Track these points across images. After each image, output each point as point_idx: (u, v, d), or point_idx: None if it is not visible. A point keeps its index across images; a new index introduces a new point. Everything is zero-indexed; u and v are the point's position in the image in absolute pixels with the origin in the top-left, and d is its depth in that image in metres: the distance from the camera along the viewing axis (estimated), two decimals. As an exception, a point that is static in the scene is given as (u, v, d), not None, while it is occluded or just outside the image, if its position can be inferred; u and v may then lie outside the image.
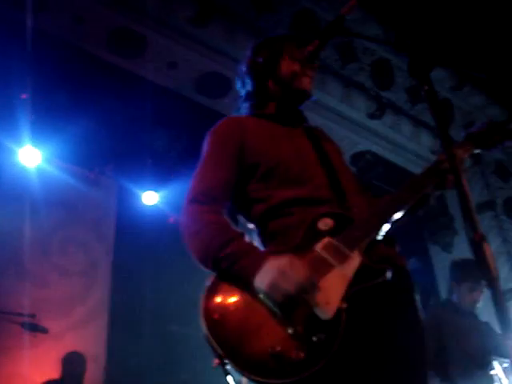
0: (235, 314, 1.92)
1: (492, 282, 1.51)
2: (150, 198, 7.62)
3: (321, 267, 1.99)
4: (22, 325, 5.26)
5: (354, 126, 7.32)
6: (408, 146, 7.67)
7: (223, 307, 1.94)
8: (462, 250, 7.59)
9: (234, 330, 1.88)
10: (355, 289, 1.96)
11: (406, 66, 1.86)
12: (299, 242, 2.06)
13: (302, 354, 1.81)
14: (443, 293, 7.05)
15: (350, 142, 7.47)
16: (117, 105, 6.38)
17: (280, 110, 2.52)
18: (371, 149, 7.63)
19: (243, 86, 2.61)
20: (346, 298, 1.94)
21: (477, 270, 1.58)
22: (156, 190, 7.61)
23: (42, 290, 6.77)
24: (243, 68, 2.61)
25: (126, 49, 6.03)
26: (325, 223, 2.10)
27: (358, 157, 7.71)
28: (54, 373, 5.85)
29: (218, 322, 1.89)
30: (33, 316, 5.36)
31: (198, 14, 5.92)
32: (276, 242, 2.18)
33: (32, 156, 6.71)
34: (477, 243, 1.55)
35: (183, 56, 6.20)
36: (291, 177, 2.25)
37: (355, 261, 2.01)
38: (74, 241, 7.38)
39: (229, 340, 1.85)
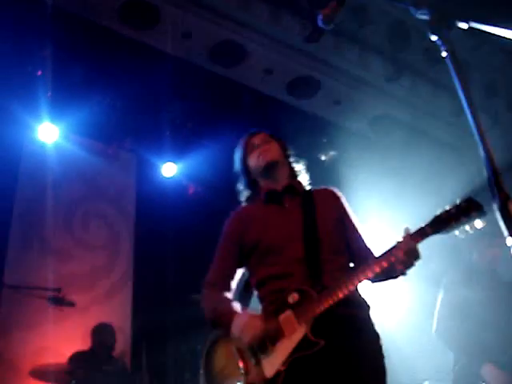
0: (218, 361, 2.80)
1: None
2: (169, 169, 7.63)
3: (276, 334, 2.59)
4: (49, 299, 5.32)
5: (371, 89, 7.23)
6: (427, 108, 7.56)
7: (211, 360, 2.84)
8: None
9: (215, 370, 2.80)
10: (297, 355, 2.51)
11: (423, 27, 1.83)
12: (272, 309, 2.69)
13: None
14: None
15: (367, 106, 7.39)
16: (133, 78, 6.36)
17: (269, 193, 3.04)
18: (390, 112, 7.55)
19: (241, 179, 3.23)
20: (288, 362, 2.50)
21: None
22: (175, 162, 7.62)
23: (66, 264, 6.85)
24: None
25: (139, 21, 5.98)
26: (292, 297, 2.63)
27: (376, 121, 7.64)
28: (82, 345, 5.94)
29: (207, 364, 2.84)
30: (58, 290, 5.41)
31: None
32: (262, 307, 2.85)
33: (51, 132, 6.74)
34: (502, 202, 1.55)
35: (197, 25, 6.14)
36: (270, 254, 2.83)
37: (300, 333, 2.54)
38: (96, 215, 7.44)
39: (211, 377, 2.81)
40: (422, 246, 2.45)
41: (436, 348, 5.08)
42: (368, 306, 2.78)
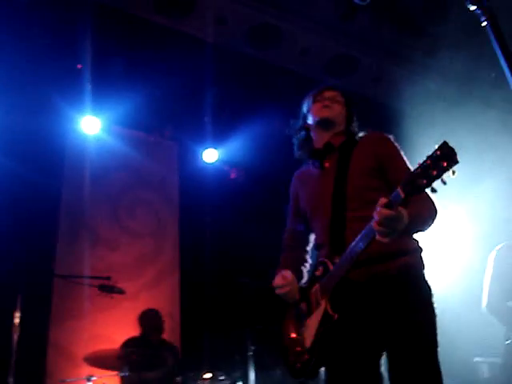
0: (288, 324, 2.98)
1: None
2: (211, 155, 7.69)
3: (309, 308, 2.78)
4: (99, 288, 5.41)
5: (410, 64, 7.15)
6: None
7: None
8: None
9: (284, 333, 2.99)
10: (322, 330, 2.62)
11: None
12: (307, 283, 2.94)
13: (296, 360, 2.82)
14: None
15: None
16: (171, 66, 6.40)
17: (313, 152, 3.13)
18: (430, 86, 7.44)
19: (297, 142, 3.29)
20: (318, 335, 2.63)
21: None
22: (215, 148, 7.67)
23: (114, 252, 6.98)
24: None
25: (174, 9, 6.00)
26: (319, 270, 2.76)
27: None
28: (134, 331, 6.05)
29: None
30: (108, 278, 5.51)
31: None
32: None
33: (92, 124, 6.85)
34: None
35: (231, 10, 6.13)
36: (311, 222, 3.03)
37: (322, 307, 2.64)
38: (141, 203, 7.54)
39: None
40: None
41: (486, 322, 5.02)
42: (404, 252, 2.65)
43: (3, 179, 5.78)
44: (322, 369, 2.76)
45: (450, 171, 1.91)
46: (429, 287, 2.66)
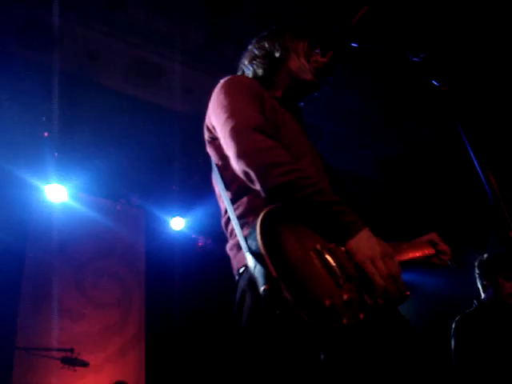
0: (296, 251, 1.80)
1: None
2: (178, 223, 7.68)
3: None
4: (62, 360, 5.28)
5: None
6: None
7: (286, 238, 1.81)
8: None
9: (292, 263, 1.75)
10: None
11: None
12: None
13: (352, 320, 1.73)
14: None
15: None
16: (138, 134, 6.45)
17: (285, 97, 2.51)
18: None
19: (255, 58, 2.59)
20: None
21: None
22: (182, 216, 7.67)
23: (78, 323, 6.82)
24: (257, 48, 2.61)
25: (142, 78, 6.10)
26: None
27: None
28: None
29: (277, 245, 1.76)
30: (71, 350, 5.39)
31: (210, 38, 5.97)
32: None
33: (58, 192, 6.83)
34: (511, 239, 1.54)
35: (197, 80, 6.24)
36: (298, 152, 2.20)
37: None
38: (106, 273, 7.43)
39: (287, 268, 1.71)
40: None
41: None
42: None
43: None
44: None
45: None
46: None
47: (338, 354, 1.84)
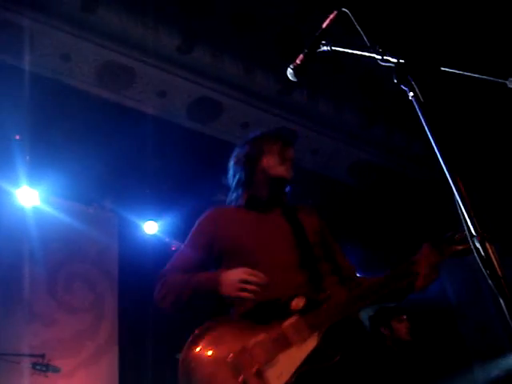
0: (206, 367, 2.39)
1: (498, 282, 1.50)
2: (151, 227, 7.62)
3: (281, 342, 2.34)
4: (33, 366, 5.21)
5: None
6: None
7: (198, 359, 2.49)
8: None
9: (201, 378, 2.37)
10: (306, 368, 2.28)
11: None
12: (264, 316, 2.46)
13: None
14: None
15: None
16: (110, 138, 6.40)
17: (253, 199, 2.86)
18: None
19: (233, 177, 3.00)
20: (297, 374, 2.26)
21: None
22: (156, 220, 7.61)
23: (50, 328, 6.73)
24: (232, 161, 3.05)
25: (114, 81, 6.06)
26: (297, 302, 2.43)
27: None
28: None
29: (191, 369, 2.45)
30: (42, 356, 5.32)
31: (184, 42, 5.95)
32: (238, 312, 2.65)
33: (29, 196, 6.73)
34: (480, 243, 1.53)
35: (171, 84, 6.22)
36: (249, 259, 2.61)
37: (312, 343, 2.33)
38: (79, 277, 7.35)
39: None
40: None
41: None
42: None
43: None
44: None
45: None
46: None
47: None
